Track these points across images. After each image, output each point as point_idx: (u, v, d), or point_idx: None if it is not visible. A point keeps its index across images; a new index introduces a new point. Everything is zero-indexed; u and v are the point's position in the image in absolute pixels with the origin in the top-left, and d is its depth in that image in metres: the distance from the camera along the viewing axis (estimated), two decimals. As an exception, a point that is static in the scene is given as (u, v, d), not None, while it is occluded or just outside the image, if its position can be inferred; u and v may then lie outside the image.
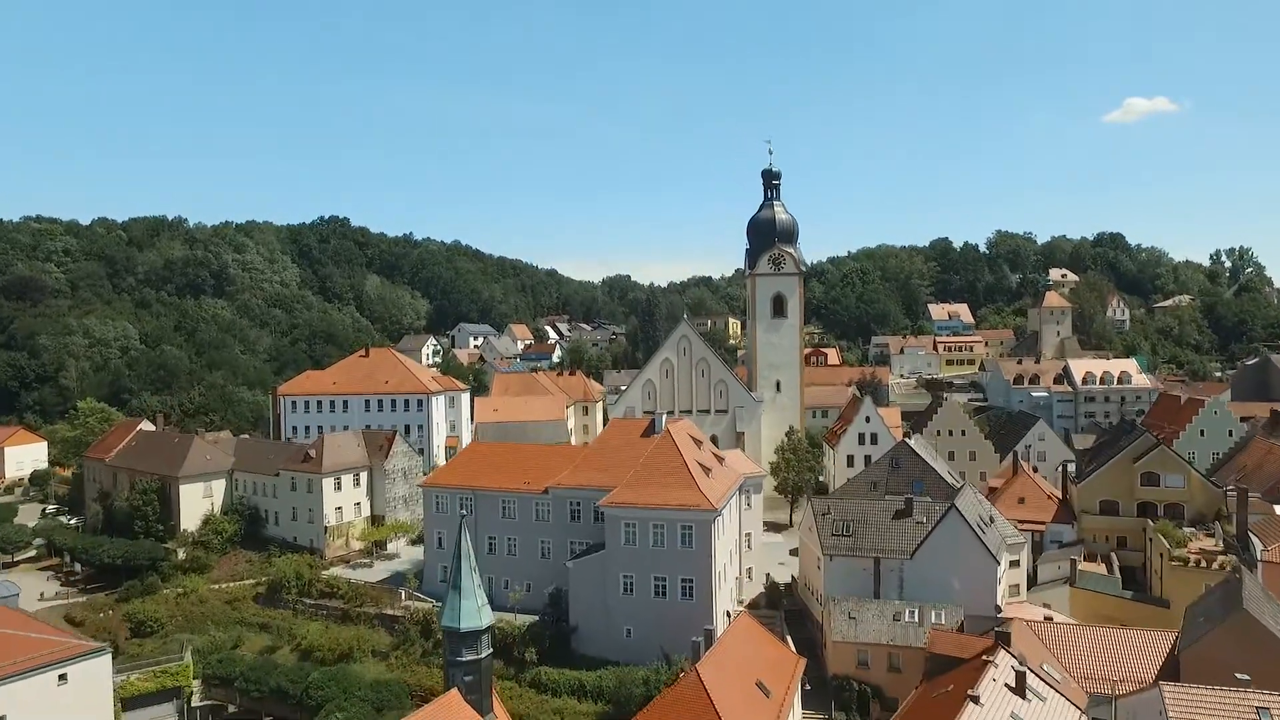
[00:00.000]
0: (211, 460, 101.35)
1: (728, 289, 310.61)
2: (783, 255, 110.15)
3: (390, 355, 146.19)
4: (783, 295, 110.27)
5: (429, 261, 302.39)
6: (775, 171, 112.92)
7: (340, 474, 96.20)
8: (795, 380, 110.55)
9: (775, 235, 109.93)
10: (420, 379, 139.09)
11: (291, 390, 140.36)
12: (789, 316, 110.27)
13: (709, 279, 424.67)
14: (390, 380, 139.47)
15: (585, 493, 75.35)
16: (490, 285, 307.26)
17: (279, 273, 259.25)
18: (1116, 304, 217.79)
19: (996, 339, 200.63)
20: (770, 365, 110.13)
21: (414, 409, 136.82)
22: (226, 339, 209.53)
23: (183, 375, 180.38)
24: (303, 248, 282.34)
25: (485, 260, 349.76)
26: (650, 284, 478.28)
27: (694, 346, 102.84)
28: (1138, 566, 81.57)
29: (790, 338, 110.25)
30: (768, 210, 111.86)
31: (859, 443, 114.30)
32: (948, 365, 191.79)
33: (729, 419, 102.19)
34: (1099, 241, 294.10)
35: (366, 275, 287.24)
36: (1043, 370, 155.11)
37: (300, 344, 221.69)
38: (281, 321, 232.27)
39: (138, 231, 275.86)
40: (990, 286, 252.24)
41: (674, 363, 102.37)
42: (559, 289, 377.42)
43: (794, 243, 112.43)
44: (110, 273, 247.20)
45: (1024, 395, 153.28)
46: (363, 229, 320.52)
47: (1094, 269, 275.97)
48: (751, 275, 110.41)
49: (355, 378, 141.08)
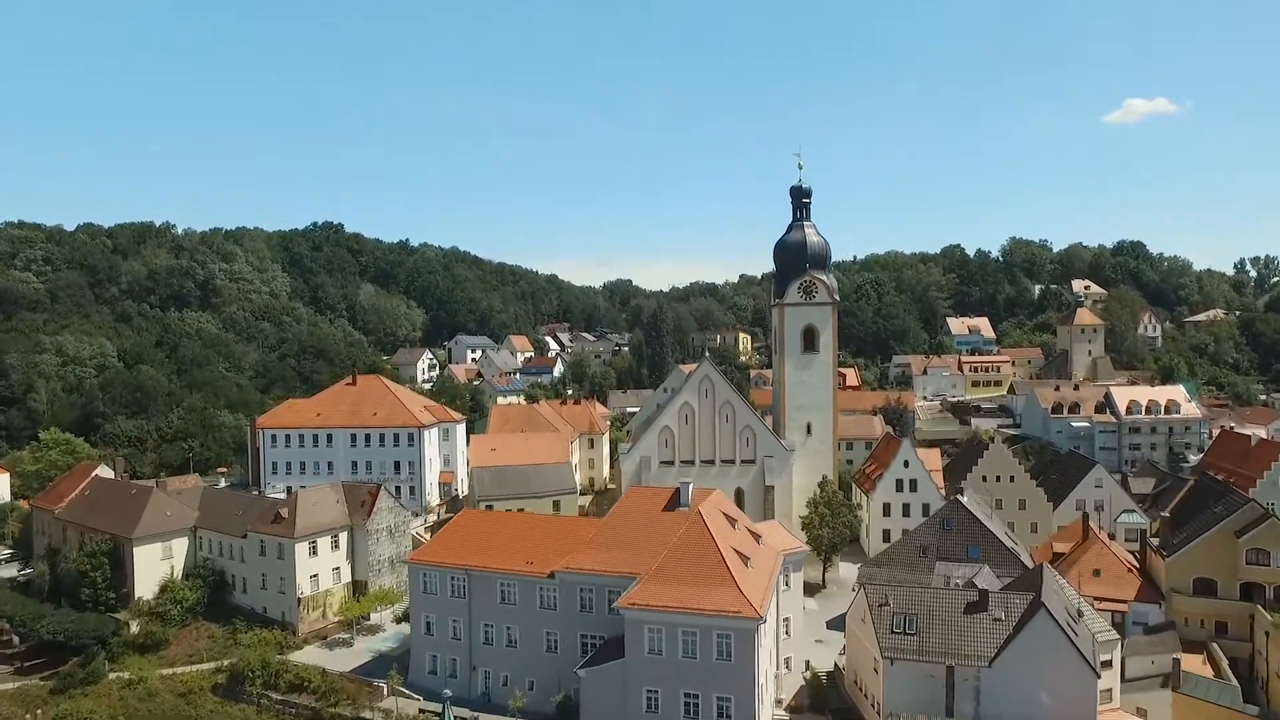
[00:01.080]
0: (172, 516, 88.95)
1: (734, 298, 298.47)
2: (814, 283, 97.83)
3: (379, 383, 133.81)
4: (814, 328, 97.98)
5: (425, 269, 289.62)
6: (805, 189, 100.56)
7: (316, 537, 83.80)
8: (828, 423, 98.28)
9: (806, 260, 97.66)
10: (411, 410, 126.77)
11: (271, 422, 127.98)
12: (821, 352, 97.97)
13: (713, 286, 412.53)
14: (379, 412, 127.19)
15: (599, 579, 63.29)
16: (489, 294, 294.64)
17: (268, 282, 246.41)
18: (1148, 320, 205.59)
19: (1023, 358, 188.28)
20: (800, 406, 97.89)
21: (404, 444, 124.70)
22: (210, 356, 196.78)
23: (160, 397, 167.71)
24: (294, 255, 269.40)
25: (484, 267, 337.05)
26: (655, 291, 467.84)
27: (717, 388, 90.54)
28: (1241, 658, 69.53)
29: (822, 375, 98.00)
30: (797, 232, 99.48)
31: (896, 489, 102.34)
32: (973, 387, 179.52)
33: (756, 470, 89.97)
34: (1119, 250, 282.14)
35: (360, 284, 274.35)
36: (1083, 398, 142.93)
37: (289, 360, 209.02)
38: (270, 335, 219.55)
39: (124, 238, 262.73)
40: (1010, 299, 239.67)
41: (694, 406, 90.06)
42: (559, 295, 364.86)
43: (826, 268, 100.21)
44: (92, 282, 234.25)
45: (1063, 425, 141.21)
46: (357, 235, 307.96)
47: (1116, 279, 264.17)
48: (779, 305, 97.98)
49: (341, 408, 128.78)
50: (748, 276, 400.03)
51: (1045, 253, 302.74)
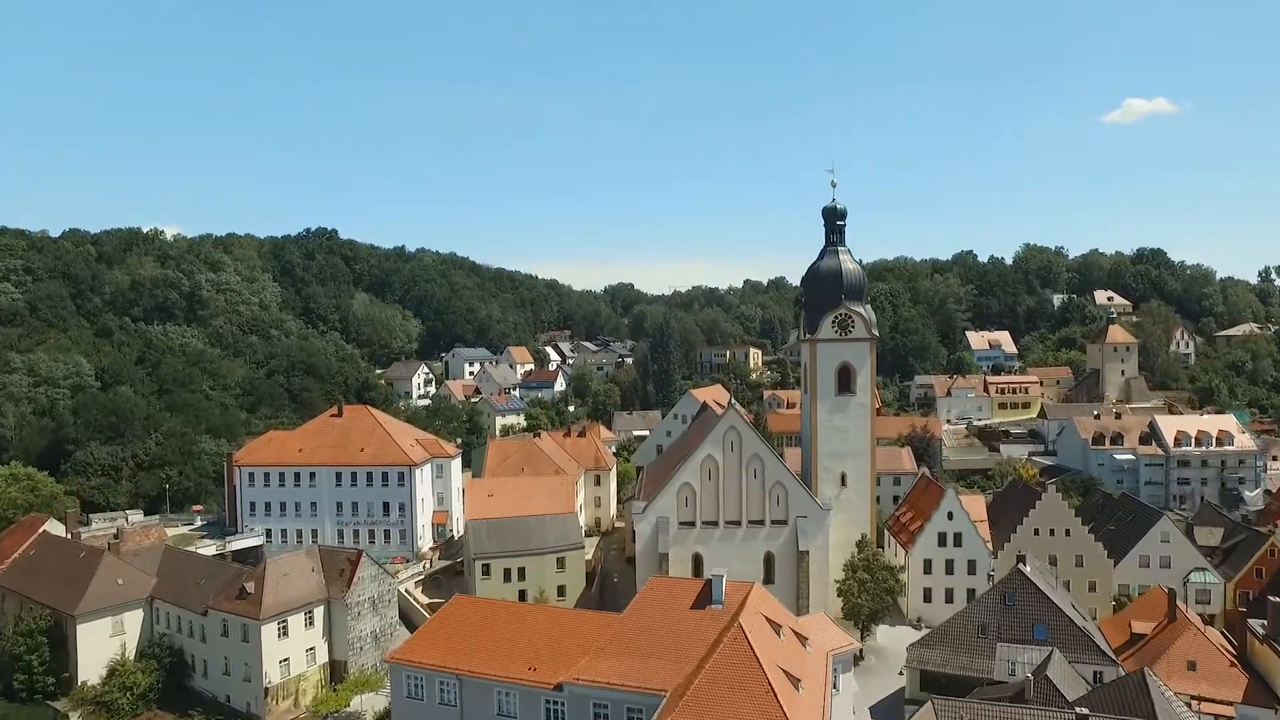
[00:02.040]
0: (125, 585, 77.55)
1: (740, 306, 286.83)
2: (850, 316, 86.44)
3: (367, 415, 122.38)
4: (850, 366, 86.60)
5: (422, 277, 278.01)
6: (840, 210, 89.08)
7: (287, 615, 72.46)
8: (865, 472, 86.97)
9: (841, 291, 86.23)
10: (401, 445, 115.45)
11: (250, 459, 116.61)
12: (857, 393, 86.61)
13: (717, 292, 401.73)
14: (367, 448, 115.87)
15: (617, 694, 52.24)
16: (487, 302, 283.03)
17: (258, 293, 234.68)
18: (1181, 336, 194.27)
19: (1051, 377, 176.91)
20: (834, 454, 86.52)
21: (394, 483, 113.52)
22: (193, 374, 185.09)
23: (137, 422, 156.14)
24: (285, 264, 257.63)
25: (482, 273, 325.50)
26: (658, 296, 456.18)
27: (744, 440, 79.14)
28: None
29: (859, 419, 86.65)
30: (831, 259, 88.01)
31: (939, 543, 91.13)
32: (999, 409, 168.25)
33: (788, 533, 78.66)
34: (1139, 258, 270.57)
35: (354, 293, 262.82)
36: (1125, 428, 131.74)
37: (277, 377, 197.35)
38: (258, 350, 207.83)
39: (110, 245, 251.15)
40: (1031, 311, 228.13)
41: (719, 460, 78.73)
42: (560, 302, 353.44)
43: (863, 299, 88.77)
44: (74, 293, 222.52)
45: (1105, 458, 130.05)
46: (351, 241, 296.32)
47: (1137, 289, 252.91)
48: (811, 341, 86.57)
49: (325, 443, 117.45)
50: (753, 283, 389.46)
51: (1061, 260, 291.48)
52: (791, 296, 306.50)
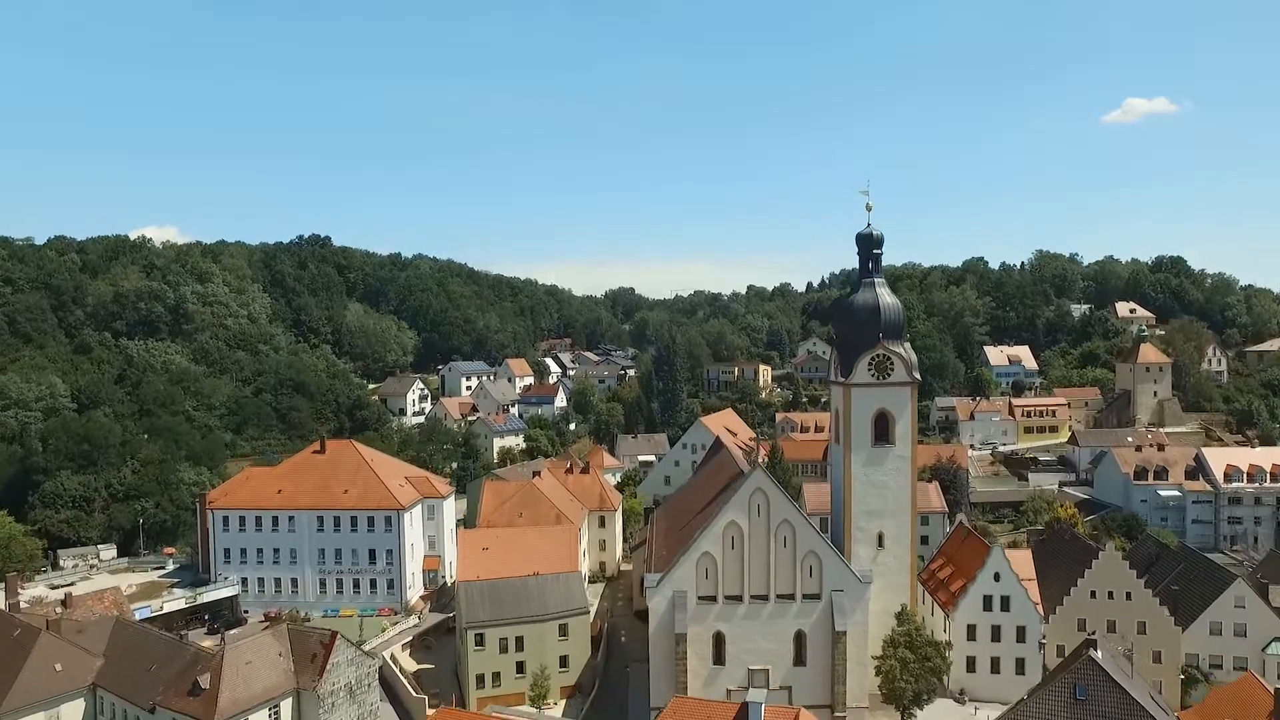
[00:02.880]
0: (64, 671, 67.29)
1: (746, 315, 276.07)
2: (889, 358, 76.20)
3: (352, 451, 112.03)
4: (888, 414, 76.40)
5: (418, 286, 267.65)
6: (877, 237, 78.79)
7: (248, 715, 62.20)
8: (905, 533, 76.79)
9: (879, 329, 75.94)
10: (389, 486, 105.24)
11: (225, 501, 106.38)
12: (896, 444, 76.39)
13: (720, 299, 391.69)
14: (351, 489, 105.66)
15: None
16: (485, 312, 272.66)
17: (247, 305, 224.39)
18: (1213, 353, 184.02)
19: (1080, 399, 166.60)
20: (870, 512, 76.33)
21: (381, 528, 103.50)
22: (176, 393, 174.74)
23: (112, 449, 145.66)
24: (276, 274, 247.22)
25: (480, 281, 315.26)
26: (659, 301, 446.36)
27: (772, 505, 68.89)
28: None
29: (899, 473, 76.44)
30: (868, 293, 77.72)
31: (984, 607, 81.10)
32: (1025, 434, 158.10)
33: (822, 609, 68.44)
34: (1158, 266, 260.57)
35: (348, 304, 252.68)
36: (1170, 461, 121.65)
37: (264, 395, 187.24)
38: (245, 367, 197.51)
39: (95, 254, 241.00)
40: (1051, 323, 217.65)
41: (743, 527, 68.51)
42: (560, 308, 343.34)
43: (903, 337, 78.51)
44: (56, 304, 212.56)
45: (1148, 494, 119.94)
46: (345, 249, 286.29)
47: (1157, 298, 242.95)
48: (845, 385, 76.30)
49: (306, 484, 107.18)
50: (757, 289, 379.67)
51: (1075, 267, 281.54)
52: (798, 305, 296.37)
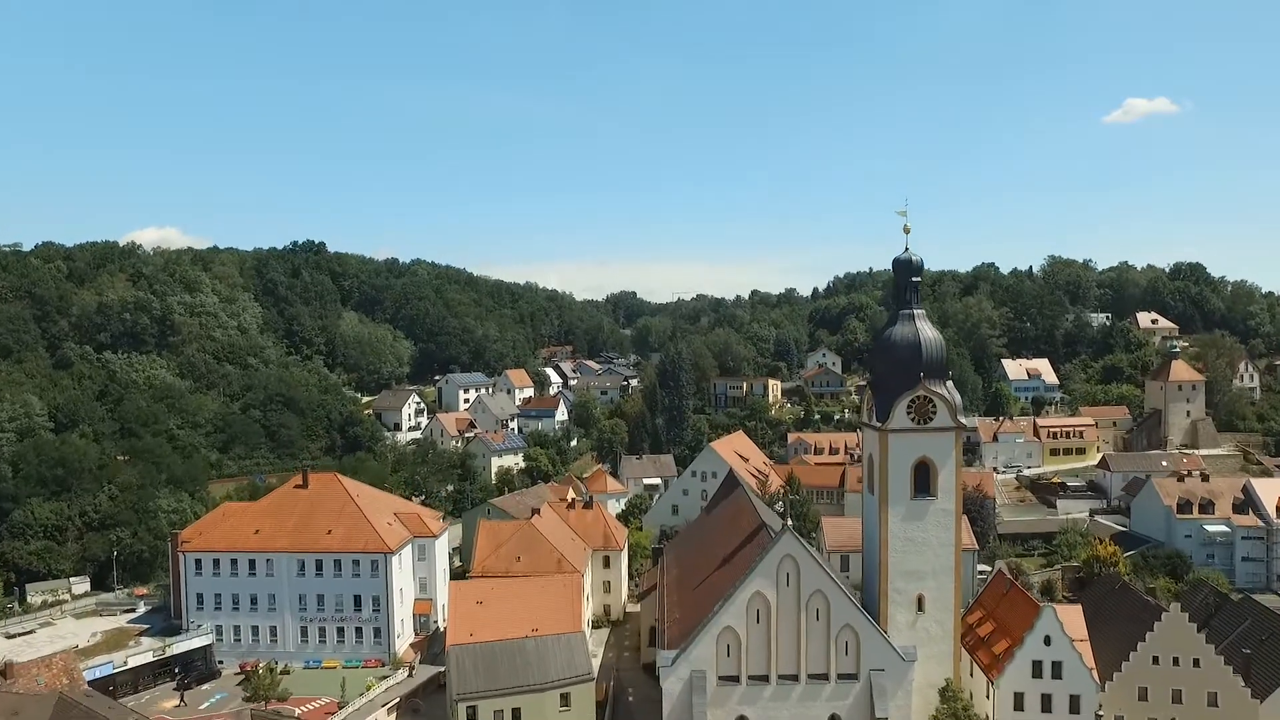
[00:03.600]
0: (-4, 764, 58.68)
1: (751, 324, 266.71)
2: (931, 400, 67.44)
3: (336, 485, 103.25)
4: (930, 463, 67.67)
5: (414, 294, 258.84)
6: (916, 263, 70.09)
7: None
8: (948, 596, 68.01)
9: (920, 367, 67.21)
10: (376, 526, 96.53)
11: (198, 543, 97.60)
12: (939, 496, 67.65)
13: (722, 304, 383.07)
14: (335, 529, 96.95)
15: None
16: (484, 320, 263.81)
17: (237, 315, 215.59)
18: (1245, 368, 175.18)
19: (1107, 418, 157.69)
20: (909, 573, 67.57)
21: (366, 572, 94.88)
22: (159, 411, 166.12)
23: (87, 473, 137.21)
24: (268, 282, 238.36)
25: (479, 287, 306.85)
26: (660, 305, 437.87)
27: (803, 573, 60.21)
28: None
29: (942, 529, 67.70)
30: (907, 326, 68.93)
31: (1033, 674, 72.27)
32: (1051, 456, 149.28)
33: (859, 691, 59.81)
34: (1177, 273, 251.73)
35: (342, 313, 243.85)
36: (1216, 493, 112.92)
37: (253, 411, 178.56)
38: (233, 381, 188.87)
39: (83, 261, 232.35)
40: (1070, 335, 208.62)
41: (770, 599, 59.86)
42: (560, 315, 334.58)
43: (946, 375, 69.77)
44: (39, 314, 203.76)
45: (1193, 529, 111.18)
46: (340, 255, 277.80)
47: (1176, 307, 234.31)
48: (882, 431, 67.52)
49: (286, 523, 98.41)
50: (761, 295, 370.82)
51: (1089, 273, 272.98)
52: (805, 313, 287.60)
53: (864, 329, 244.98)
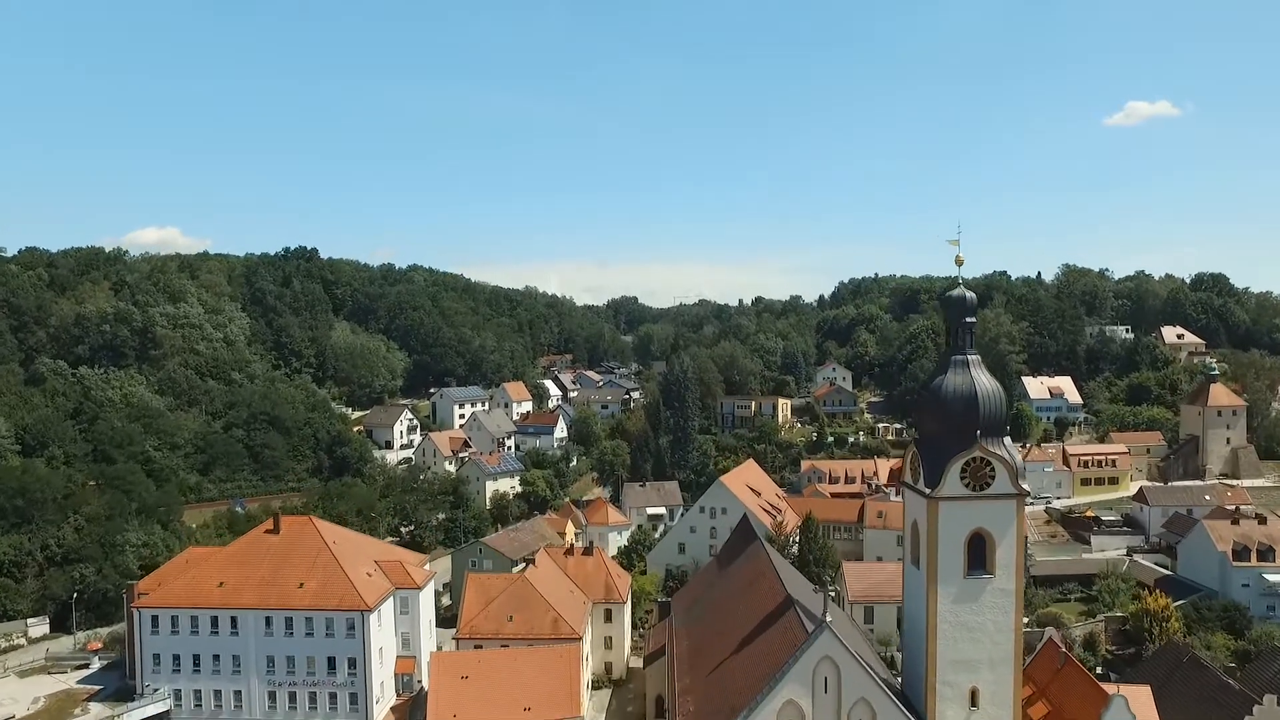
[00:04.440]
0: None
1: (757, 334, 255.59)
2: (989, 464, 57.29)
3: (310, 530, 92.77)
4: (987, 535, 57.51)
5: (409, 304, 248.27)
6: (970, 302, 60.07)
7: None
8: (1007, 690, 57.80)
9: (977, 424, 57.06)
10: (353, 579, 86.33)
11: (156, 598, 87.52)
12: (997, 573, 57.50)
13: (725, 311, 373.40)
14: (309, 581, 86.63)
15: None
16: (481, 330, 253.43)
17: (223, 326, 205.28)
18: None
19: (1140, 444, 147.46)
20: (960, 663, 57.39)
21: (342, 632, 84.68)
22: (134, 431, 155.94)
23: (52, 503, 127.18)
24: (256, 292, 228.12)
25: (477, 294, 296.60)
26: (662, 310, 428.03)
27: (845, 677, 50.26)
28: None
29: (1000, 611, 57.53)
30: (960, 376, 58.74)
31: (1100, 769, 62.14)
32: (1082, 486, 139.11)
33: (912, 819, 49.85)
34: (1199, 284, 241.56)
35: (334, 323, 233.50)
36: (1276, 538, 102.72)
37: (236, 430, 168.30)
38: (216, 398, 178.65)
39: (66, 267, 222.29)
40: (1092, 351, 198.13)
41: (806, 710, 49.94)
42: (560, 322, 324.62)
43: (1004, 432, 59.63)
44: (17, 325, 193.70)
45: (1250, 577, 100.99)
46: (332, 262, 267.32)
47: (1198, 319, 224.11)
48: (932, 499, 57.37)
49: (255, 574, 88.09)
50: (766, 301, 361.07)
51: (1105, 283, 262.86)
52: (811, 323, 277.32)
53: (874, 341, 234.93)
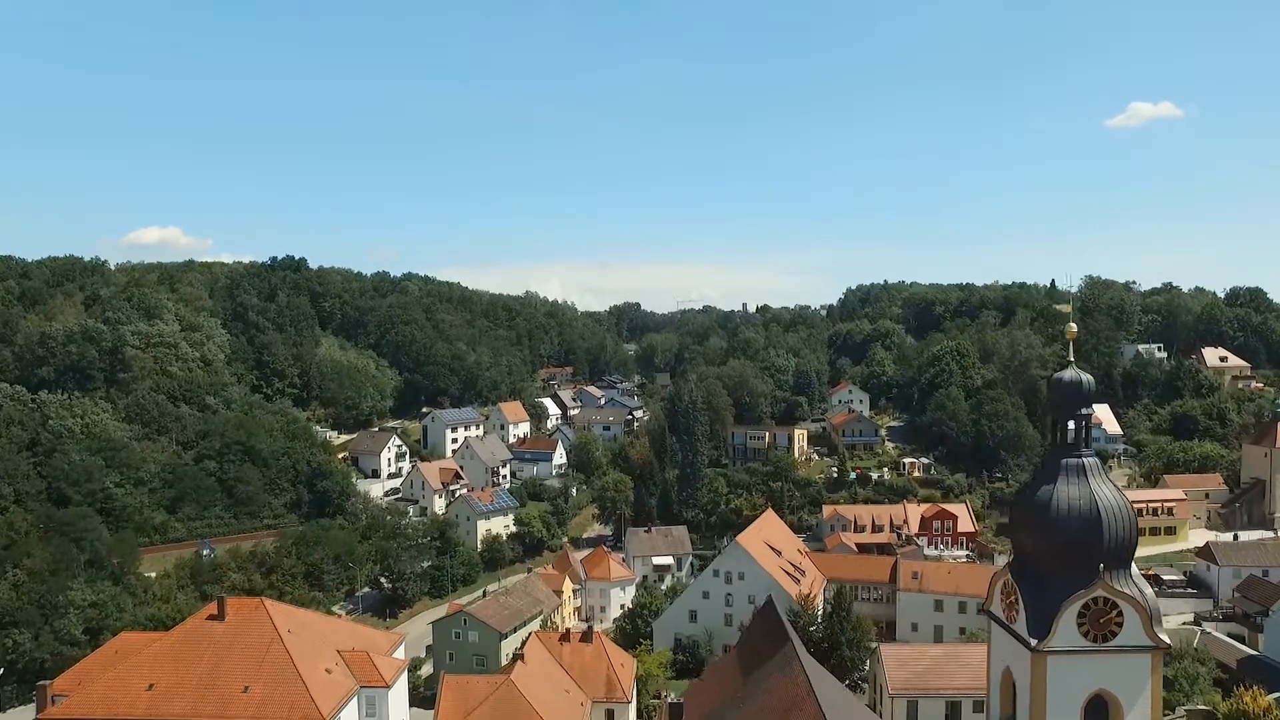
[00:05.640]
0: None
1: (767, 351, 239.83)
2: (1115, 607, 42.75)
3: (261, 617, 77.49)
4: (1111, 700, 43.09)
5: (400, 318, 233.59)
6: (1087, 389, 45.21)
7: None
8: None
9: (1101, 554, 42.54)
10: (307, 681, 71.09)
11: (72, 703, 72.62)
12: (1124, 748, 43.02)
13: (730, 319, 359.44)
14: (255, 684, 71.24)
15: None
16: (478, 345, 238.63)
17: (200, 344, 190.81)
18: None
19: (1197, 488, 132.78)
20: None
21: (291, 748, 69.77)
22: (95, 467, 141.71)
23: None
24: (239, 306, 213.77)
25: (473, 305, 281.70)
26: (664, 316, 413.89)
27: None
28: None
29: (1126, 799, 43.14)
30: (1077, 489, 44.10)
31: None
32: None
33: None
34: (1234, 299, 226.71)
35: (320, 339, 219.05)
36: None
37: (208, 462, 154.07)
38: (188, 425, 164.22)
39: (39, 279, 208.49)
40: (1130, 374, 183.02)
41: None
42: (560, 332, 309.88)
43: (1130, 559, 45.06)
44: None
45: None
46: (321, 272, 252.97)
47: (1235, 337, 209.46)
48: (1038, 651, 42.86)
49: (192, 673, 72.77)
50: (774, 311, 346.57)
51: (1132, 296, 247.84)
52: (822, 336, 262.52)
53: (891, 359, 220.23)
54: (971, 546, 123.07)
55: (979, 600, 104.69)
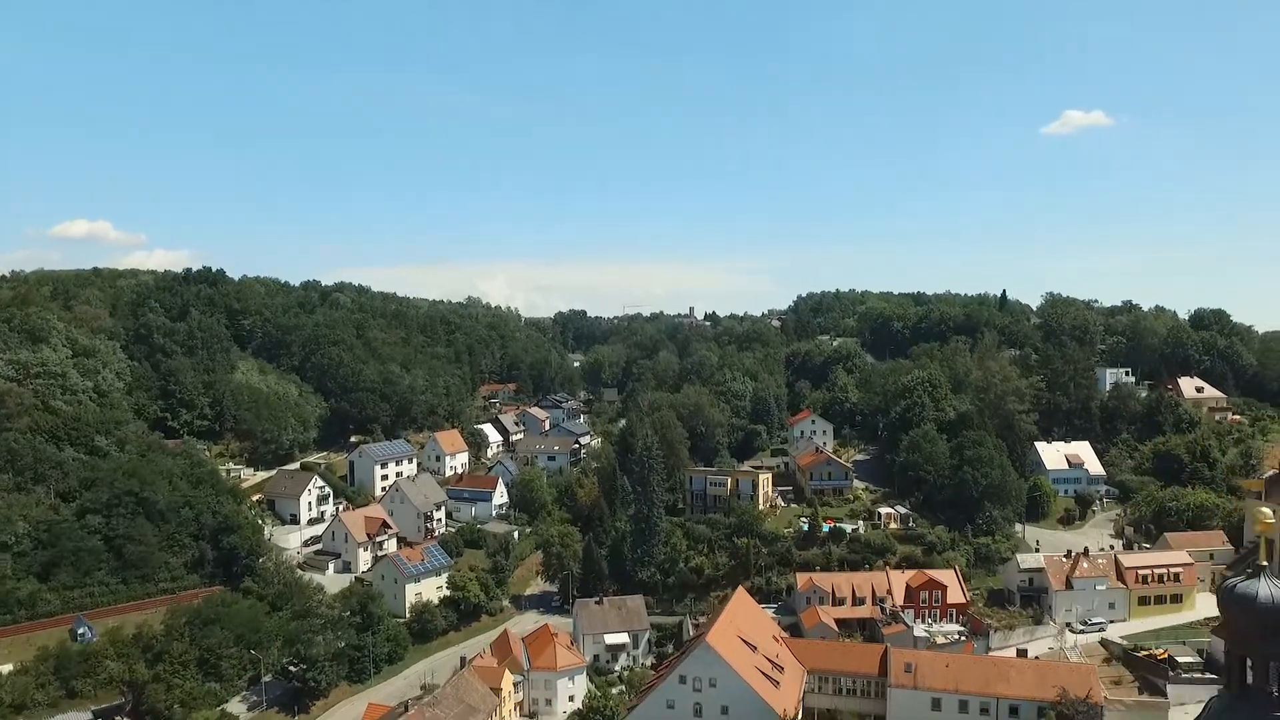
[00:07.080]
0: None
1: (722, 374, 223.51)
2: None
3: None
4: None
5: (327, 339, 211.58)
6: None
7: None
8: None
9: None
10: None
11: None
12: None
13: (679, 329, 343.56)
14: None
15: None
16: (412, 367, 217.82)
17: (94, 373, 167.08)
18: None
19: (1202, 547, 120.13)
20: None
21: None
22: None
23: None
24: (143, 327, 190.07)
25: (408, 320, 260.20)
26: (610, 320, 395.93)
27: None
28: None
29: None
30: None
31: None
32: (1140, 606, 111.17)
33: None
34: (1200, 322, 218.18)
35: (237, 363, 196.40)
36: None
37: (92, 517, 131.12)
38: (71, 473, 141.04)
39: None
40: (1109, 410, 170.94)
41: None
42: (503, 346, 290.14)
43: None
44: None
45: None
46: (243, 284, 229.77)
47: (1201, 362, 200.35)
48: None
49: None
50: (723, 324, 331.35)
51: (1094, 315, 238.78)
52: (780, 356, 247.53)
53: (853, 384, 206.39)
54: (963, 620, 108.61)
55: (982, 699, 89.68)
